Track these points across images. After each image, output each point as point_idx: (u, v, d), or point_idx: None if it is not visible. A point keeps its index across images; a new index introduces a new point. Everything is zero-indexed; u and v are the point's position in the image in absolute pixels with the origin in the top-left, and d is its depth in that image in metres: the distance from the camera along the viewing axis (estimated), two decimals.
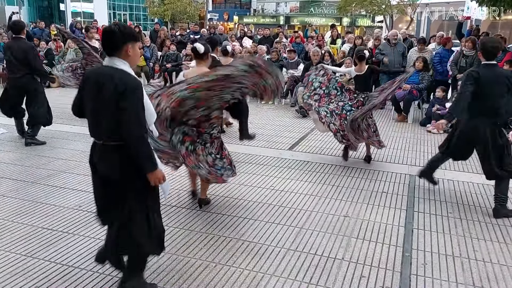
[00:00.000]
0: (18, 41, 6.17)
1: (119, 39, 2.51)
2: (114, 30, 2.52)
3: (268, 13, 44.27)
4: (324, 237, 3.66)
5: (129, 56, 2.57)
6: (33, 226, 3.78)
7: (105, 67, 2.57)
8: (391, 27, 24.84)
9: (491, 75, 4.04)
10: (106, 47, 2.55)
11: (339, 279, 3.08)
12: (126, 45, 2.53)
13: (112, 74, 2.48)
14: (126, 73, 2.52)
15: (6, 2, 39.49)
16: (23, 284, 2.94)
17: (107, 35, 2.54)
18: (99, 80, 2.51)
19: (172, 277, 3.05)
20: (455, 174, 5.33)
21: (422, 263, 3.29)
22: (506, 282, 3.09)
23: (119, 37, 2.51)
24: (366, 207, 4.30)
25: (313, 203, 4.38)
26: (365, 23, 35.46)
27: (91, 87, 2.55)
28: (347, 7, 28.59)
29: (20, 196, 4.42)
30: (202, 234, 3.69)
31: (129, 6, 50.97)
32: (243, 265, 3.23)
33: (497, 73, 4.11)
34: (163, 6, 35.27)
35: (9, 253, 3.33)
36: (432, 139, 7.01)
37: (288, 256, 3.36)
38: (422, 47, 9.08)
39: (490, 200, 4.52)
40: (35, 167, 5.29)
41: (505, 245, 3.60)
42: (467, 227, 3.91)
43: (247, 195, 4.56)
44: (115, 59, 2.53)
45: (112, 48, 2.53)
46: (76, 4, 45.62)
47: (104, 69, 2.58)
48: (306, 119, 8.39)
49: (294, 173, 5.25)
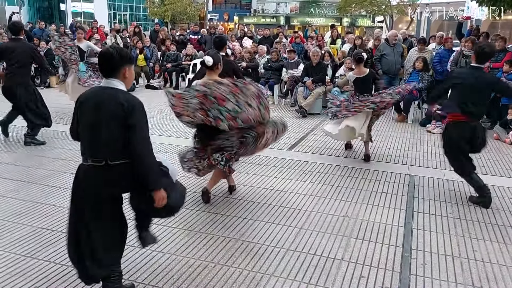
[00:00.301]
0: (18, 41, 6.18)
1: (118, 62, 2.57)
2: (112, 53, 2.56)
3: (268, 13, 44.24)
4: (324, 237, 3.67)
5: (126, 78, 2.63)
6: (33, 226, 3.78)
7: (105, 88, 2.59)
8: (391, 27, 24.85)
9: (473, 78, 4.27)
10: (104, 70, 2.60)
11: (338, 279, 3.08)
12: (124, 68, 2.60)
13: (116, 95, 2.53)
14: (129, 93, 2.59)
15: (6, 2, 39.49)
16: (23, 285, 2.94)
17: (105, 58, 2.58)
18: (101, 101, 2.53)
19: (171, 277, 3.05)
20: (455, 174, 5.30)
21: (421, 263, 3.29)
22: (505, 282, 3.09)
23: (117, 60, 2.57)
24: (365, 207, 4.30)
25: (312, 203, 4.38)
26: (365, 23, 35.45)
27: (90, 109, 2.55)
28: (347, 7, 28.58)
29: (20, 196, 4.43)
30: (201, 234, 3.69)
31: (129, 6, 50.94)
32: (243, 265, 3.23)
33: (481, 78, 4.30)
34: (163, 6, 35.29)
35: (8, 253, 3.33)
36: (432, 139, 7.01)
37: (288, 256, 3.36)
38: (422, 47, 9.08)
39: None
40: (35, 167, 5.29)
41: (505, 245, 3.60)
42: (467, 227, 3.91)
43: (247, 195, 4.56)
44: (113, 81, 2.59)
45: (110, 71, 2.58)
46: (76, 4, 45.61)
47: (104, 90, 2.59)
48: (306, 119, 8.40)
49: (293, 173, 5.25)
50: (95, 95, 2.59)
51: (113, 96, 2.52)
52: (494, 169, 5.58)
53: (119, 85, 2.59)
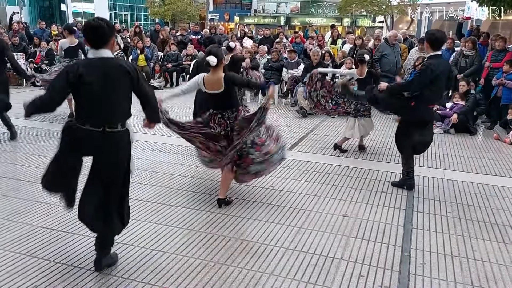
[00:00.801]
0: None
1: (108, 33, 2.78)
2: (102, 25, 2.76)
3: (269, 13, 44.23)
4: (323, 237, 3.67)
5: (113, 47, 2.90)
6: (33, 225, 3.78)
7: (103, 58, 2.79)
8: (391, 27, 24.84)
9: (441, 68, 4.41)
10: (95, 41, 2.77)
11: (337, 278, 3.08)
12: (112, 38, 2.84)
13: (119, 63, 2.83)
14: (125, 60, 2.81)
15: (7, 2, 39.49)
16: (23, 283, 2.94)
17: (96, 30, 2.76)
18: (109, 71, 2.76)
19: (171, 276, 3.06)
20: (454, 174, 5.33)
21: (420, 263, 3.30)
22: (504, 282, 3.09)
23: (107, 31, 2.78)
24: (365, 207, 4.30)
25: (312, 202, 4.38)
26: (365, 23, 35.42)
27: (98, 79, 2.73)
28: (348, 7, 28.57)
29: (19, 195, 4.43)
30: (201, 233, 3.70)
31: (130, 6, 50.95)
32: (242, 264, 3.23)
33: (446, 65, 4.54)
34: (164, 6, 35.30)
35: (8, 252, 3.34)
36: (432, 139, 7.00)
37: (287, 255, 3.36)
38: (422, 47, 9.06)
39: (489, 200, 4.53)
40: (35, 167, 5.30)
41: (504, 245, 3.60)
42: (466, 227, 3.91)
43: (247, 194, 4.56)
44: (105, 51, 2.80)
45: (101, 42, 2.77)
46: (77, 4, 45.60)
47: (103, 60, 2.79)
48: (306, 119, 8.40)
49: (293, 173, 5.26)
50: (101, 67, 2.77)
51: (119, 65, 2.82)
52: (494, 169, 5.58)
53: (111, 54, 2.84)
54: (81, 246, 3.43)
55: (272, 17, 43.01)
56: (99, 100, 2.77)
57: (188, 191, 4.60)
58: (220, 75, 4.04)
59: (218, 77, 4.04)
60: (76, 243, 3.48)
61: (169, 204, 4.26)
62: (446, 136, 7.25)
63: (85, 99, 2.79)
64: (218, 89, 4.06)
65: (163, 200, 4.37)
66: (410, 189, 4.72)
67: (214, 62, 3.98)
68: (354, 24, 36.10)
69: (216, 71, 4.07)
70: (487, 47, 9.14)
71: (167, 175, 5.10)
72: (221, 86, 4.03)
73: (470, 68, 8.44)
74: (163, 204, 4.27)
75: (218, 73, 4.06)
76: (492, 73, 8.08)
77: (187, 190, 4.62)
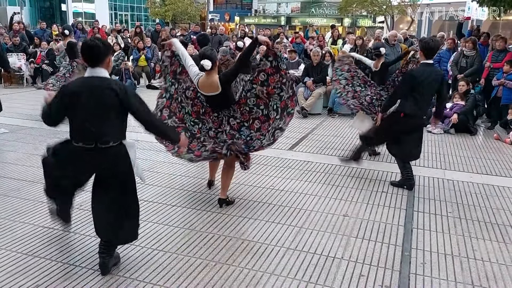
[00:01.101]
0: None
1: (103, 52, 2.81)
2: (98, 45, 2.79)
3: (269, 13, 44.19)
4: (324, 236, 3.68)
5: (109, 66, 2.90)
6: (34, 225, 3.80)
7: (94, 78, 2.81)
8: (392, 27, 24.85)
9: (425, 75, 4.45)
10: (90, 60, 2.80)
11: (338, 278, 3.09)
12: (108, 57, 2.86)
13: (109, 85, 2.78)
14: (116, 80, 2.87)
15: (7, 2, 39.51)
16: (24, 283, 2.95)
17: (92, 49, 2.78)
18: (96, 91, 2.76)
19: (172, 275, 3.07)
20: (455, 174, 5.34)
21: (421, 262, 3.30)
22: (505, 281, 3.10)
23: (103, 50, 2.80)
24: (365, 207, 4.31)
25: (313, 202, 4.39)
26: (366, 23, 35.43)
27: (86, 100, 2.75)
28: (348, 7, 28.59)
29: (21, 195, 4.44)
30: (202, 233, 3.70)
31: (130, 6, 50.96)
32: (243, 263, 3.24)
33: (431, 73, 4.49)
34: (164, 6, 35.30)
35: (10, 251, 3.35)
36: (432, 139, 7.02)
37: (288, 255, 3.37)
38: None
39: (490, 200, 4.53)
40: (36, 167, 5.30)
41: (504, 245, 3.61)
42: (467, 227, 3.92)
43: (247, 194, 4.57)
44: (100, 70, 2.82)
45: (96, 61, 2.80)
46: (77, 4, 45.59)
47: (94, 80, 2.81)
48: (307, 119, 8.41)
49: (294, 173, 5.26)
50: (88, 87, 2.79)
51: (108, 85, 2.78)
52: (494, 169, 5.59)
53: (106, 74, 2.84)
54: (82, 245, 3.44)
55: (272, 17, 42.99)
56: (88, 120, 2.79)
57: (189, 191, 4.61)
58: (215, 78, 3.95)
59: (213, 79, 3.95)
60: (78, 243, 3.48)
61: (170, 204, 4.27)
62: (446, 136, 7.26)
63: (75, 117, 2.84)
64: (215, 91, 3.99)
65: (164, 200, 4.38)
66: (410, 189, 4.73)
67: (208, 66, 3.86)
68: (354, 24, 36.09)
69: (210, 74, 3.96)
70: (488, 47, 9.15)
71: (168, 175, 5.11)
72: (218, 88, 3.97)
73: (470, 68, 8.45)
74: (164, 204, 4.28)
75: (213, 76, 3.96)
76: (492, 73, 8.08)
77: (188, 190, 4.63)
